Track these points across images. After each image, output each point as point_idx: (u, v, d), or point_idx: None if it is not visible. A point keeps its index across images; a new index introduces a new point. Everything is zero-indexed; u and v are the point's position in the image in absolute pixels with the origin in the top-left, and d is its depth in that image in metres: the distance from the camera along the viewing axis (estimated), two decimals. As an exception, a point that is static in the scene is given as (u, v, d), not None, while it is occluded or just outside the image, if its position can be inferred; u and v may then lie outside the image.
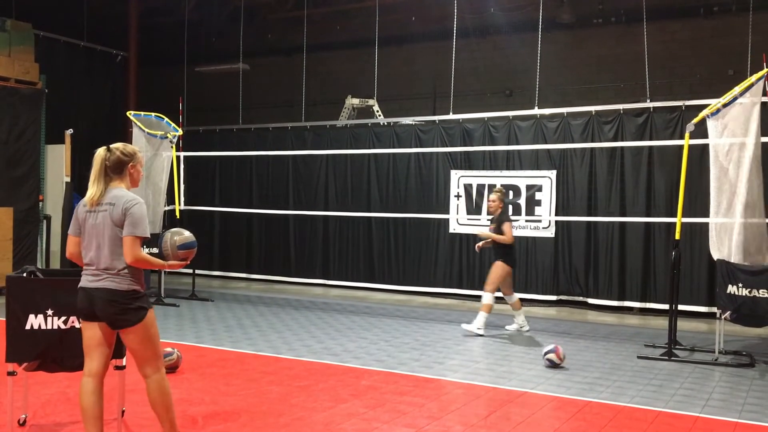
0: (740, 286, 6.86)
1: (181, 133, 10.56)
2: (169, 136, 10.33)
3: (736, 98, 6.96)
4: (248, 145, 13.29)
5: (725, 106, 7.03)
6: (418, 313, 10.11)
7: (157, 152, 10.42)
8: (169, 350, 6.05)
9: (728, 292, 6.93)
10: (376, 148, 12.15)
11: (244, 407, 5.13)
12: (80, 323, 3.94)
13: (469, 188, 11.35)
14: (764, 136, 7.22)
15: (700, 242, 9.77)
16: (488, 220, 8.90)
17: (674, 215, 7.66)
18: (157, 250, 10.22)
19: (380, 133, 12.27)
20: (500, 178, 11.10)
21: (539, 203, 10.80)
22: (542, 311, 10.39)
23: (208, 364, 6.48)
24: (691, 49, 11.70)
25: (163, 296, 10.41)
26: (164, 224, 10.49)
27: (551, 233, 10.74)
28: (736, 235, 6.97)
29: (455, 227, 11.49)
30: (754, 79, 6.94)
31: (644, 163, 10.18)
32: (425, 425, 4.82)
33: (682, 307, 9.22)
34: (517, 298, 8.62)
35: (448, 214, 11.45)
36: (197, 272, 11.91)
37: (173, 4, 14.36)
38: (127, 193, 3.90)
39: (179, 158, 10.99)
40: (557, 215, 10.62)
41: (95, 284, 3.80)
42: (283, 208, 12.86)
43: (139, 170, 4.04)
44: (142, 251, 3.82)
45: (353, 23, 14.21)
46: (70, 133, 11.37)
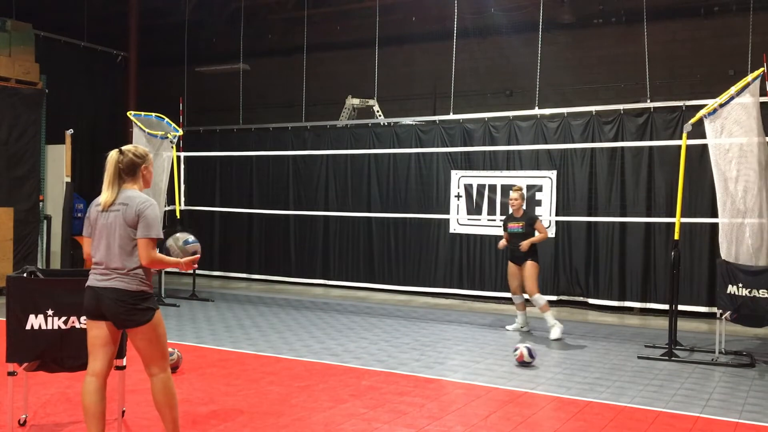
0: (740, 286, 6.86)
1: (181, 133, 10.56)
2: (169, 136, 10.33)
3: (733, 98, 6.95)
4: (248, 145, 13.30)
5: (722, 106, 7.03)
6: (418, 313, 10.11)
7: (157, 152, 10.42)
8: (169, 350, 6.04)
9: (728, 292, 6.94)
10: (376, 148, 12.16)
11: (244, 407, 5.13)
12: (86, 322, 3.93)
13: (469, 188, 11.35)
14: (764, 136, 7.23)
15: (700, 242, 9.77)
16: (506, 219, 8.60)
17: (674, 215, 7.66)
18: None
19: (380, 133, 12.27)
20: (500, 178, 11.10)
21: (539, 203, 10.79)
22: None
23: (208, 364, 6.48)
24: (691, 49, 11.69)
25: (163, 296, 10.42)
26: (164, 224, 10.49)
27: (551, 233, 10.72)
28: (747, 236, 6.97)
29: (455, 227, 11.49)
30: (750, 78, 6.94)
31: (644, 163, 10.18)
32: (425, 425, 4.82)
33: (682, 307, 9.23)
34: (524, 299, 8.58)
35: (448, 214, 11.44)
36: (197, 272, 11.92)
37: (173, 4, 14.36)
38: (140, 194, 3.92)
39: (179, 158, 10.99)
40: (557, 215, 10.62)
41: (104, 284, 3.80)
42: (283, 208, 12.86)
43: (150, 171, 4.07)
44: (156, 252, 3.84)
45: (353, 23, 14.21)
46: (70, 133, 11.37)
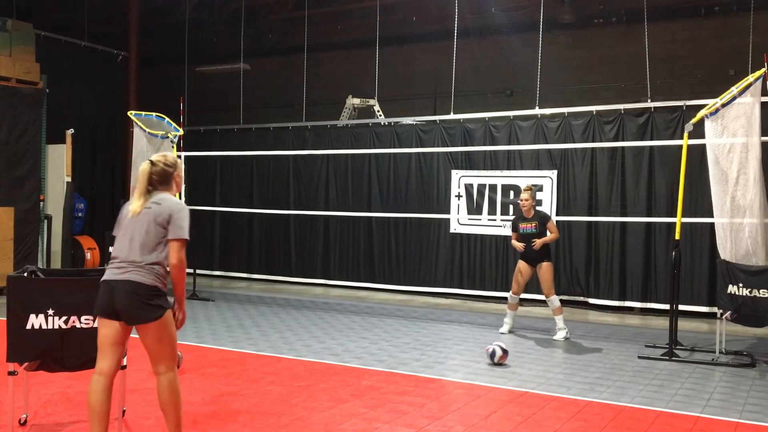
0: (740, 286, 6.86)
1: (182, 133, 10.55)
2: (170, 136, 10.32)
3: (735, 98, 6.95)
4: (249, 145, 13.30)
5: (724, 106, 7.02)
6: (418, 313, 10.11)
7: (157, 152, 10.41)
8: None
9: (729, 292, 6.94)
10: (376, 148, 12.16)
11: (244, 407, 5.13)
12: (97, 320, 3.95)
13: (469, 188, 11.35)
14: (765, 135, 7.22)
15: (700, 242, 9.77)
16: (516, 220, 8.47)
17: (675, 215, 7.66)
18: None
19: (381, 133, 12.27)
20: (501, 178, 11.10)
21: (540, 203, 10.78)
22: (543, 311, 10.38)
23: (209, 364, 6.48)
24: (692, 49, 11.69)
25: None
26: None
27: (552, 232, 10.73)
28: (746, 236, 6.97)
29: (456, 227, 11.48)
30: (752, 78, 6.94)
31: (645, 163, 10.17)
32: (426, 425, 4.82)
33: (682, 307, 9.22)
34: (518, 300, 8.54)
35: (448, 214, 11.44)
36: (198, 272, 11.92)
37: (174, 4, 14.36)
38: (172, 197, 4.07)
39: (180, 158, 10.98)
40: (558, 215, 10.60)
41: (119, 276, 3.85)
42: (283, 208, 12.86)
43: (181, 176, 4.23)
44: (184, 255, 3.95)
45: (354, 23, 14.21)
46: (71, 132, 11.36)
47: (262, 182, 13.37)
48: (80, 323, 4.28)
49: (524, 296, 10.30)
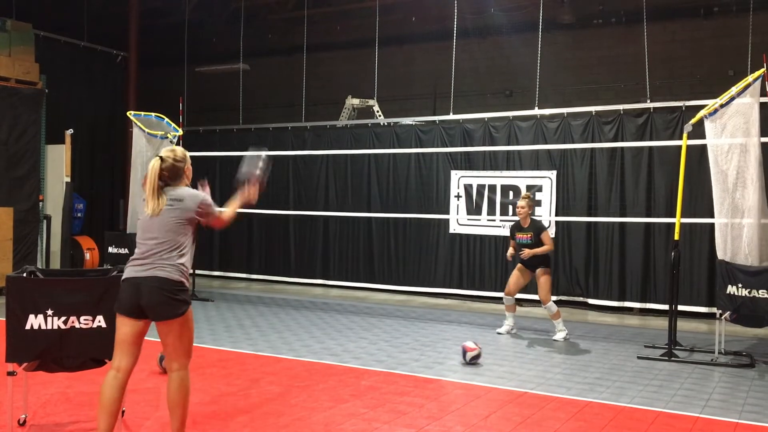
0: (740, 286, 6.86)
1: (181, 133, 10.56)
2: (169, 136, 10.33)
3: (733, 98, 6.95)
4: (248, 145, 13.19)
5: (723, 106, 7.03)
6: (418, 313, 10.11)
7: (157, 152, 10.37)
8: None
9: (728, 292, 6.94)
10: (376, 148, 12.16)
11: (244, 407, 5.13)
12: (117, 319, 3.97)
13: (469, 188, 11.35)
14: (764, 136, 7.22)
15: (700, 243, 9.78)
16: (514, 227, 8.45)
17: (674, 215, 7.66)
18: (126, 250, 10.14)
19: (380, 133, 12.27)
20: (500, 178, 11.11)
21: (539, 203, 10.79)
22: (542, 312, 10.36)
23: (208, 364, 6.48)
24: (691, 49, 11.70)
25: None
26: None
27: (551, 233, 10.71)
28: (745, 237, 6.97)
29: (455, 228, 11.49)
30: (751, 78, 6.94)
31: (644, 163, 10.18)
32: (425, 425, 4.82)
33: (682, 307, 9.23)
34: (515, 301, 8.52)
35: (448, 214, 11.44)
36: (197, 272, 11.92)
37: (174, 4, 14.37)
38: (188, 189, 4.11)
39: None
40: (557, 215, 10.63)
41: (144, 273, 3.88)
42: (283, 208, 12.86)
43: (190, 168, 4.24)
44: (220, 213, 4.18)
45: (353, 23, 14.21)
46: (70, 133, 11.37)
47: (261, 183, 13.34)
48: (79, 323, 4.27)
49: (524, 297, 10.36)
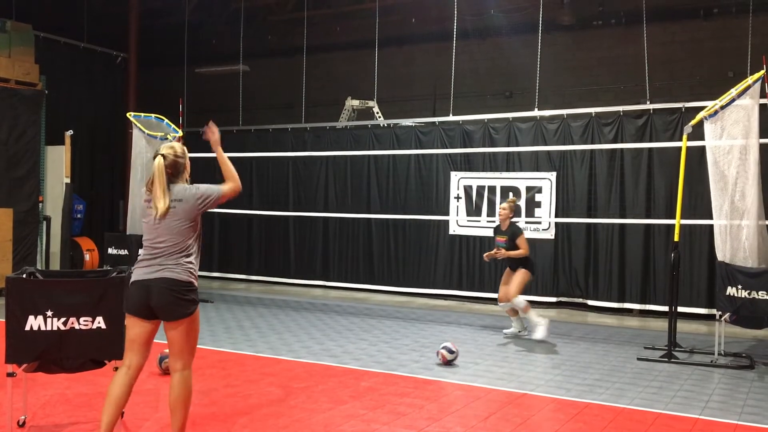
0: (739, 287, 6.86)
1: (181, 134, 10.56)
2: (169, 137, 10.32)
3: (733, 100, 6.96)
4: (248, 146, 13.29)
5: (723, 108, 7.03)
6: (417, 314, 10.11)
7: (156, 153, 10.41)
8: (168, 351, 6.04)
9: (728, 293, 6.94)
10: (376, 149, 12.16)
11: (243, 409, 5.13)
12: (126, 320, 4.01)
13: (469, 190, 11.35)
14: (763, 137, 7.23)
15: (699, 244, 9.78)
16: (495, 229, 8.60)
17: (674, 217, 7.66)
18: (125, 251, 10.14)
19: (380, 134, 12.27)
20: (500, 179, 11.11)
21: (539, 205, 10.80)
22: (542, 313, 10.33)
23: (207, 365, 6.48)
24: (690, 50, 11.70)
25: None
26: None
27: (551, 235, 10.74)
28: (744, 238, 6.97)
29: (455, 229, 11.48)
30: (751, 80, 6.94)
31: (644, 164, 10.18)
32: (425, 427, 4.82)
33: (681, 308, 9.23)
34: (510, 306, 8.43)
35: (447, 215, 11.44)
36: (197, 274, 11.90)
37: (174, 4, 14.37)
38: (186, 186, 4.12)
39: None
40: (557, 217, 10.63)
41: (153, 275, 3.93)
42: (283, 209, 12.86)
43: (188, 161, 4.27)
44: (227, 187, 4.21)
45: (353, 25, 14.22)
46: (70, 134, 11.37)
47: (261, 183, 13.36)
48: (79, 325, 4.27)
49: (522, 298, 10.36)
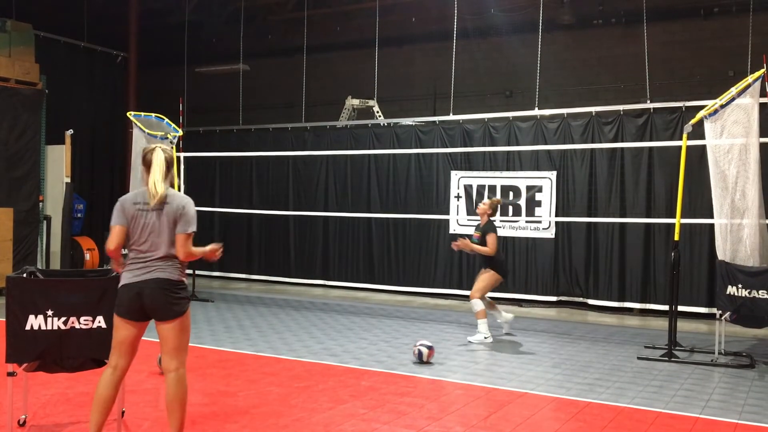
0: (740, 287, 6.86)
1: (181, 133, 10.56)
2: (169, 136, 10.32)
3: (733, 99, 6.95)
4: (248, 145, 13.30)
5: (723, 107, 7.03)
6: (418, 313, 10.11)
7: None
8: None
9: (728, 293, 6.94)
10: (376, 148, 12.16)
11: (244, 408, 5.13)
12: (116, 322, 4.00)
13: (469, 189, 11.35)
14: (764, 136, 7.23)
15: (700, 243, 9.78)
16: (475, 227, 8.50)
17: (674, 216, 7.66)
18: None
19: (380, 133, 12.27)
20: (500, 179, 11.11)
21: (539, 204, 10.80)
22: (542, 312, 10.39)
23: (208, 364, 6.48)
24: (691, 50, 11.69)
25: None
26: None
27: (551, 234, 10.74)
28: (745, 237, 6.97)
29: (455, 228, 11.48)
30: (751, 79, 6.94)
31: (644, 164, 10.18)
32: (425, 426, 4.82)
33: (681, 308, 9.23)
34: (489, 301, 8.29)
35: (448, 214, 11.45)
36: (197, 273, 11.91)
37: (174, 4, 14.37)
38: (176, 191, 4.13)
39: (179, 159, 10.99)
40: (557, 216, 10.63)
41: (145, 276, 3.93)
42: (283, 208, 12.86)
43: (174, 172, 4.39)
44: (192, 247, 4.04)
45: (353, 24, 14.21)
46: (70, 133, 11.37)
47: (261, 183, 13.37)
48: (79, 324, 4.28)
49: (520, 296, 10.40)
